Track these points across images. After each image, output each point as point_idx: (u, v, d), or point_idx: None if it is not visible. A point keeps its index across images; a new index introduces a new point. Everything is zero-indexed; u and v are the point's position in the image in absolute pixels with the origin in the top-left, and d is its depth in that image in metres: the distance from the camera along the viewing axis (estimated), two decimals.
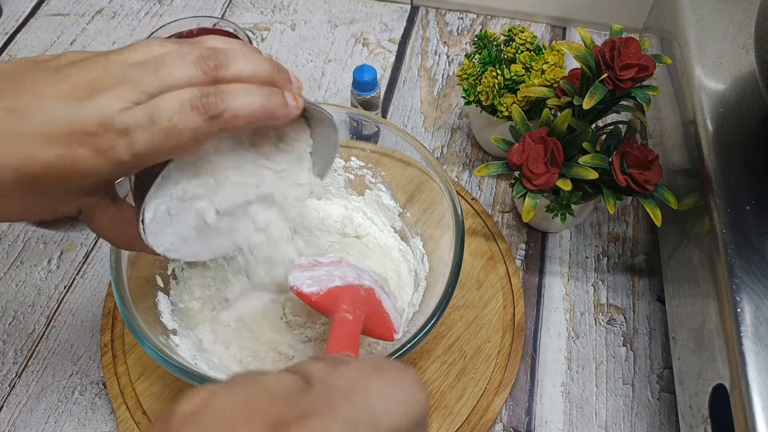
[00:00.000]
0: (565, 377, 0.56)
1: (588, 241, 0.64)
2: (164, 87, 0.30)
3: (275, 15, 0.85)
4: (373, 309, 0.46)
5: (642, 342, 0.58)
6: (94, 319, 0.58)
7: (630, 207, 0.67)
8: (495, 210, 0.66)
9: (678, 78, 0.59)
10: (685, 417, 0.47)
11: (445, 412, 0.52)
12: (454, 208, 0.51)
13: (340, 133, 0.58)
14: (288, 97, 0.34)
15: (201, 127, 0.30)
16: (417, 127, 0.73)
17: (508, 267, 0.60)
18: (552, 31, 0.83)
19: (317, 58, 0.80)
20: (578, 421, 0.54)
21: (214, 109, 0.30)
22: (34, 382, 0.55)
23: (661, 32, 0.67)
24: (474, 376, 0.54)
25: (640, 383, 0.56)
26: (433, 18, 0.84)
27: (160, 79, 0.30)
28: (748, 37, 0.56)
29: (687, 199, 0.52)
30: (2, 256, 0.62)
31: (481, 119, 0.66)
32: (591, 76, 0.52)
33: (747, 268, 0.44)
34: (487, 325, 0.57)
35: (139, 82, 0.30)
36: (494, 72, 0.61)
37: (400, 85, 0.77)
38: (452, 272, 0.48)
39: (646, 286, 0.61)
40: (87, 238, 0.64)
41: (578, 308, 0.60)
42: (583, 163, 0.52)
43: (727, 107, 0.53)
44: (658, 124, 0.63)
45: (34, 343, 0.57)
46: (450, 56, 0.80)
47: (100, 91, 0.29)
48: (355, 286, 0.45)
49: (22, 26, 0.83)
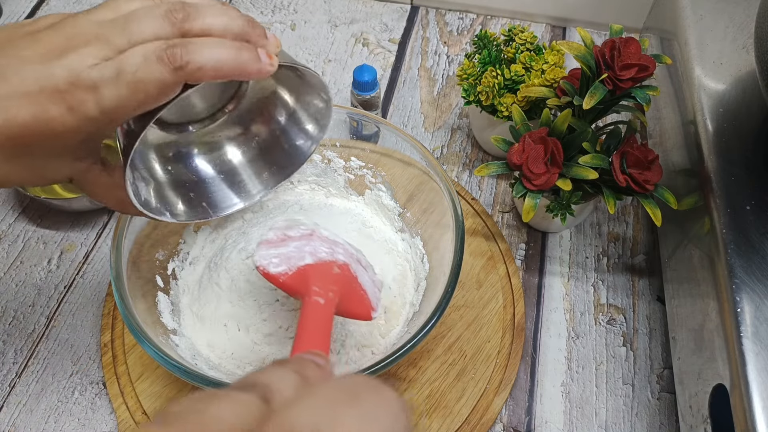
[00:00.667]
0: (565, 377, 0.56)
1: (588, 241, 0.64)
2: (132, 42, 0.30)
3: (275, 15, 0.85)
4: (349, 287, 0.43)
5: (642, 342, 0.58)
6: (94, 319, 0.58)
7: (630, 207, 0.67)
8: (495, 210, 0.66)
9: (678, 78, 0.59)
10: (685, 417, 0.47)
11: (445, 412, 0.52)
12: (454, 208, 0.51)
13: (341, 133, 0.59)
14: (261, 53, 0.33)
15: (166, 78, 0.30)
16: (417, 127, 0.73)
17: (508, 267, 0.60)
18: (552, 31, 0.83)
19: (317, 58, 0.80)
20: (578, 421, 0.54)
21: (179, 60, 0.30)
22: (34, 382, 0.55)
23: (661, 32, 0.67)
24: (474, 376, 0.54)
25: (640, 383, 0.56)
26: (433, 18, 0.84)
27: (129, 34, 0.30)
28: (748, 37, 0.56)
29: (687, 199, 0.52)
30: (2, 256, 0.62)
31: (481, 119, 0.66)
32: (591, 76, 0.52)
33: (747, 268, 0.44)
34: (487, 325, 0.57)
35: (108, 39, 0.30)
36: (494, 72, 0.61)
37: (400, 85, 0.77)
38: (452, 272, 0.48)
39: (646, 286, 0.61)
40: (87, 238, 0.64)
41: (578, 308, 0.60)
42: (583, 163, 0.52)
43: (727, 107, 0.53)
44: (658, 124, 0.63)
45: (34, 343, 0.57)
46: (450, 56, 0.80)
47: (71, 49, 0.30)
48: (328, 262, 0.42)
49: None
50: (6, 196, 0.67)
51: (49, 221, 0.65)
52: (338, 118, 0.58)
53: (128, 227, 0.49)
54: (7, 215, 0.65)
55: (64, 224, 0.65)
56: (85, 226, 0.65)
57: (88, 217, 0.65)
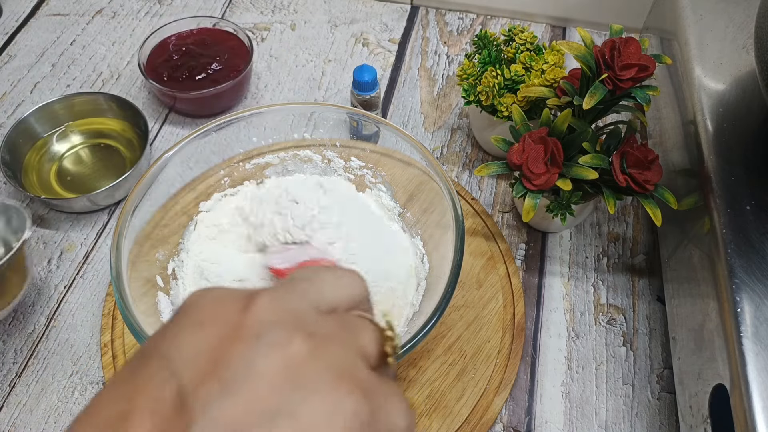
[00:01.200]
0: (565, 377, 0.56)
1: (588, 241, 0.64)
2: None
3: (275, 15, 0.85)
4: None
5: (642, 342, 0.58)
6: (94, 319, 0.58)
7: (630, 207, 0.67)
8: (495, 210, 0.66)
9: (678, 78, 0.59)
10: (685, 417, 0.47)
11: (445, 412, 0.52)
12: (454, 208, 0.51)
13: (341, 133, 0.59)
14: None
15: None
16: (417, 127, 0.73)
17: (508, 267, 0.60)
18: (552, 31, 0.83)
19: (317, 58, 0.80)
20: (578, 421, 0.54)
21: None
22: (34, 382, 0.55)
23: (661, 32, 0.67)
24: (474, 376, 0.54)
25: (640, 383, 0.56)
26: (433, 18, 0.84)
27: None
28: (748, 37, 0.56)
29: (687, 199, 0.52)
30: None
31: (481, 119, 0.66)
32: (591, 76, 0.52)
33: (747, 268, 0.44)
34: (487, 325, 0.57)
35: None
36: (494, 72, 0.61)
37: (400, 85, 0.77)
38: (452, 272, 0.47)
39: (646, 286, 0.61)
40: (87, 238, 0.64)
41: (578, 308, 0.60)
42: (583, 163, 0.52)
43: (727, 107, 0.53)
44: (658, 124, 0.63)
45: (34, 343, 0.57)
46: (450, 56, 0.80)
47: None
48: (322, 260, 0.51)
49: (22, 26, 0.83)
50: (6, 196, 0.67)
51: (49, 221, 0.65)
52: (338, 118, 0.58)
53: (128, 227, 0.49)
54: None
55: (64, 224, 0.65)
56: (85, 226, 0.65)
57: (88, 217, 0.65)
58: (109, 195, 0.63)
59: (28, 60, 0.79)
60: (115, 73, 0.78)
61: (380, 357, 0.25)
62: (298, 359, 0.21)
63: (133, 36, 0.82)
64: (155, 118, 0.74)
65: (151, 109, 0.74)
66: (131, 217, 0.50)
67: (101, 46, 0.81)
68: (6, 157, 0.64)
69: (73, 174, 0.67)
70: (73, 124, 0.70)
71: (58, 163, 0.68)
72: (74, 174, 0.67)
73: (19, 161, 0.67)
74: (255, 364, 0.21)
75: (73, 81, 0.77)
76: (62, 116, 0.70)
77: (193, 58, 0.72)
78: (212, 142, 0.56)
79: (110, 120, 0.71)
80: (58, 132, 0.70)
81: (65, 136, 0.70)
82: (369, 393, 0.21)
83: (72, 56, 0.80)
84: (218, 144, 0.57)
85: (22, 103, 0.75)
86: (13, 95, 0.76)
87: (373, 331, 0.25)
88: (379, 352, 0.24)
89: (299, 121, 0.59)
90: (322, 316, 0.24)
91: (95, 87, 0.77)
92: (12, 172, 0.64)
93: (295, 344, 0.21)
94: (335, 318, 0.24)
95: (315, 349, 0.21)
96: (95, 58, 0.80)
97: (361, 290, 0.26)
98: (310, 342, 0.22)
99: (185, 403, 0.20)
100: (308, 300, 0.24)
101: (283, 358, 0.21)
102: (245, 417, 0.20)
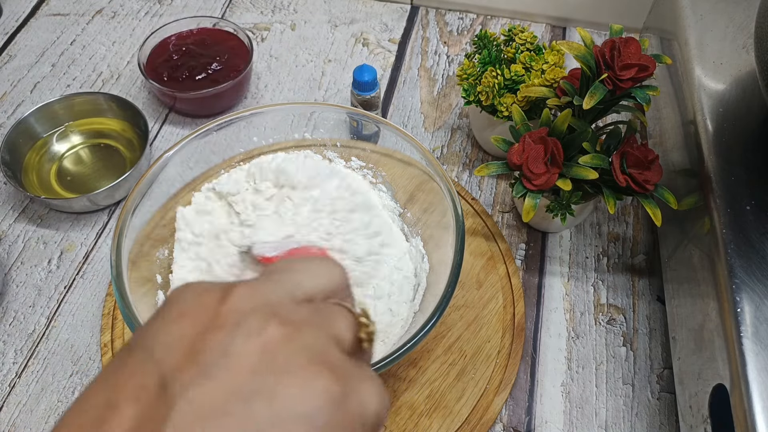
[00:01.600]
0: (565, 377, 0.56)
1: (588, 241, 0.64)
2: None
3: (275, 15, 0.85)
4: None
5: (642, 342, 0.58)
6: (94, 319, 0.58)
7: (630, 207, 0.67)
8: (495, 210, 0.66)
9: (678, 78, 0.59)
10: (685, 417, 0.47)
11: (445, 412, 0.52)
12: (454, 208, 0.51)
13: (341, 133, 0.59)
14: None
15: None
16: (417, 127, 0.73)
17: (508, 267, 0.60)
18: (552, 31, 0.83)
19: (317, 58, 0.80)
20: (578, 421, 0.54)
21: None
22: (34, 382, 0.55)
23: (661, 32, 0.67)
24: (474, 376, 0.54)
25: (640, 383, 0.56)
26: (433, 18, 0.84)
27: None
28: (748, 37, 0.56)
29: (687, 199, 0.52)
30: (2, 257, 0.62)
31: (481, 119, 0.66)
32: (591, 76, 0.52)
33: (747, 268, 0.44)
34: (487, 325, 0.57)
35: None
36: (494, 72, 0.61)
37: (400, 85, 0.77)
38: (452, 272, 0.47)
39: (646, 286, 0.61)
40: (87, 238, 0.64)
41: (578, 308, 0.60)
42: (583, 163, 0.52)
43: (727, 107, 0.53)
44: (658, 124, 0.63)
45: (34, 343, 0.57)
46: (450, 56, 0.80)
47: None
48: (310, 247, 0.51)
49: (22, 26, 0.83)
50: (6, 196, 0.67)
51: (49, 221, 0.65)
52: (338, 118, 0.58)
53: (128, 227, 0.49)
54: (7, 215, 0.65)
55: (64, 224, 0.65)
56: (85, 226, 0.65)
57: (88, 217, 0.65)
58: (109, 195, 0.63)
59: (28, 60, 0.79)
60: (115, 73, 0.78)
61: (355, 343, 0.26)
62: (273, 344, 0.22)
63: (133, 36, 0.83)
64: (155, 118, 0.74)
65: (151, 109, 0.74)
66: (131, 216, 0.50)
67: (101, 46, 0.81)
68: (6, 157, 0.64)
69: (73, 174, 0.67)
70: (73, 124, 0.70)
71: (58, 163, 0.68)
72: (74, 174, 0.67)
73: (19, 161, 0.67)
74: (231, 349, 0.22)
75: (73, 81, 0.77)
76: (62, 116, 0.70)
77: (193, 58, 0.72)
78: (212, 142, 0.56)
79: (110, 120, 0.71)
80: (58, 132, 0.70)
81: (65, 136, 0.70)
82: (341, 375, 0.23)
83: (72, 56, 0.80)
84: (218, 144, 0.57)
85: (22, 103, 0.75)
86: (13, 95, 0.76)
87: (347, 317, 0.26)
88: (355, 338, 0.26)
89: (299, 121, 0.59)
90: (298, 305, 0.25)
91: (95, 87, 0.77)
92: (12, 172, 0.64)
93: (269, 330, 0.22)
94: (311, 306, 0.25)
95: (289, 335, 0.23)
96: (95, 58, 0.80)
97: (339, 279, 0.27)
98: (284, 328, 0.23)
99: (166, 389, 0.21)
100: (284, 289, 0.25)
101: (258, 343, 0.22)
102: (223, 398, 0.21)
